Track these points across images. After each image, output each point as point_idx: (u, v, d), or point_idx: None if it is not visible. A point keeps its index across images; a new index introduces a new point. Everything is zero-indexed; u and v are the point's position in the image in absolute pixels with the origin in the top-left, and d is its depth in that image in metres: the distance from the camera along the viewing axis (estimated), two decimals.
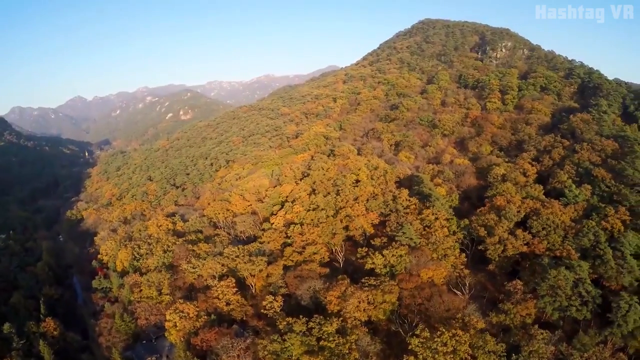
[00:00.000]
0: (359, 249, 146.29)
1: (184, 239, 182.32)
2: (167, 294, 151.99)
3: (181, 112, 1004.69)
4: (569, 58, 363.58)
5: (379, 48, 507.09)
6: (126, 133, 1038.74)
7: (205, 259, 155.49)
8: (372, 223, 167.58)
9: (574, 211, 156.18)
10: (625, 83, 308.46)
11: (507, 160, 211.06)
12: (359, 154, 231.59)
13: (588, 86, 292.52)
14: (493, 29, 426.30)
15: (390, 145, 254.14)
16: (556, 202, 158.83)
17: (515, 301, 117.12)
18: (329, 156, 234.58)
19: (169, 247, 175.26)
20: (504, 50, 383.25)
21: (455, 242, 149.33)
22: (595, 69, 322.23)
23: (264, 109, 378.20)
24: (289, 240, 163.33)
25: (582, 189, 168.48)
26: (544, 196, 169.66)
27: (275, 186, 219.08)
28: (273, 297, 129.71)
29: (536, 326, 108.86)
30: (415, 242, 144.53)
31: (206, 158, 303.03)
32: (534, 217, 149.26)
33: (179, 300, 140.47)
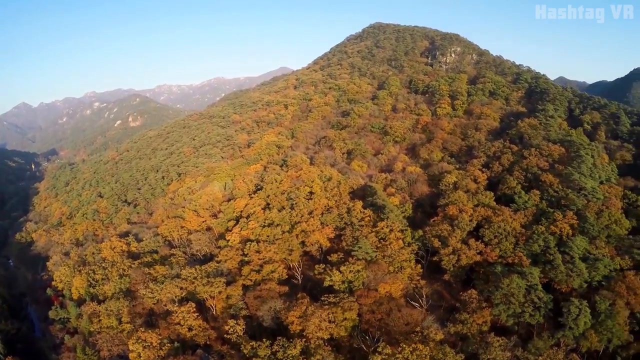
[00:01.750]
0: (317, 266, 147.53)
1: (139, 261, 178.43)
2: (127, 322, 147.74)
3: (130, 119, 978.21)
4: (517, 63, 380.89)
5: (330, 52, 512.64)
6: (74, 142, 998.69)
7: (163, 283, 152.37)
8: (328, 237, 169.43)
9: (524, 217, 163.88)
10: (572, 88, 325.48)
11: (458, 166, 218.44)
12: (311, 163, 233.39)
13: (535, 91, 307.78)
14: (443, 34, 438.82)
15: (343, 154, 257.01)
16: (507, 209, 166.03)
17: (471, 310, 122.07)
18: (281, 166, 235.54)
19: (124, 270, 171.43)
20: (453, 55, 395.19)
21: (411, 253, 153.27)
22: (541, 74, 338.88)
23: (214, 116, 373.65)
24: (246, 259, 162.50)
25: (531, 194, 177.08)
26: (494, 203, 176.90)
27: (229, 200, 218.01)
28: (235, 321, 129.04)
29: (492, 334, 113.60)
30: (371, 257, 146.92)
31: (157, 171, 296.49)
32: (486, 226, 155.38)
33: (140, 328, 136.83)
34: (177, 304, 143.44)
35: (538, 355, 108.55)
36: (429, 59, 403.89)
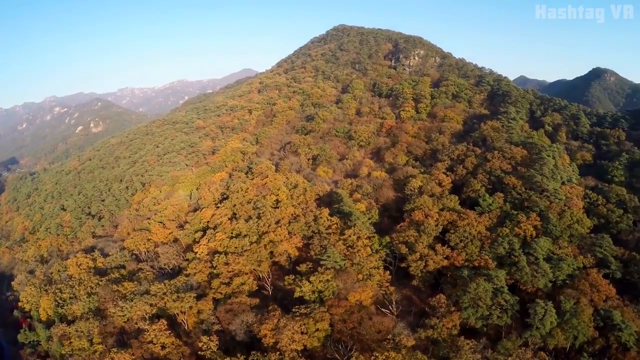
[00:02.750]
0: (286, 277, 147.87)
1: (107, 277, 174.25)
2: (99, 343, 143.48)
3: (92, 125, 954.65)
4: (479, 65, 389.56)
5: (294, 54, 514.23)
6: (34, 150, 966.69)
7: (132, 300, 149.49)
8: (296, 246, 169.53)
9: (488, 219, 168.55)
10: (533, 90, 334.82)
11: (422, 170, 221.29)
12: (277, 170, 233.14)
13: (497, 93, 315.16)
14: (406, 37, 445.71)
15: (308, 160, 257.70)
16: (472, 213, 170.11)
17: (441, 315, 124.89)
18: (246, 174, 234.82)
19: (92, 288, 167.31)
20: (416, 58, 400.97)
21: (379, 260, 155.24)
22: (503, 76, 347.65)
23: (178, 122, 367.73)
24: (215, 271, 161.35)
25: (495, 197, 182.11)
26: (459, 206, 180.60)
27: (195, 210, 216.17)
28: (208, 337, 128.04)
29: (462, 337, 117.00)
30: (340, 265, 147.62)
31: (121, 181, 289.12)
32: (452, 231, 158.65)
33: (113, 349, 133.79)
34: (148, 322, 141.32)
35: (507, 355, 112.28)
36: (393, 61, 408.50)
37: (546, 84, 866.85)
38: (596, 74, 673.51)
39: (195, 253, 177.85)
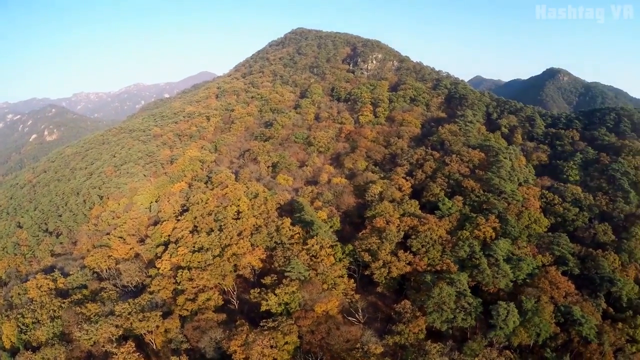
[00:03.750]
0: (252, 290, 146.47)
1: (69, 299, 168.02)
2: None
3: (46, 132, 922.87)
4: (436, 69, 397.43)
5: (251, 58, 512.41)
6: None
7: (97, 322, 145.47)
8: (260, 258, 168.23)
9: (448, 223, 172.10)
10: (489, 93, 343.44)
11: (382, 175, 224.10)
12: (237, 179, 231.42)
13: (454, 96, 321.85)
14: (364, 40, 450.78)
15: (268, 167, 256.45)
16: (432, 217, 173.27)
17: (407, 320, 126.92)
18: (206, 183, 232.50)
19: (55, 312, 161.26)
20: (374, 62, 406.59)
21: (343, 268, 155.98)
22: (460, 79, 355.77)
23: (135, 130, 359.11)
24: (179, 287, 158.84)
25: (455, 200, 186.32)
26: (420, 211, 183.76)
27: (156, 223, 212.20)
28: (178, 357, 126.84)
29: (429, 341, 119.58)
30: (304, 276, 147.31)
31: (78, 194, 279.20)
32: (413, 236, 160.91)
33: None
34: (115, 344, 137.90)
35: (474, 356, 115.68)
36: (351, 65, 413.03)
37: (502, 84, 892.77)
38: (550, 74, 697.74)
39: (158, 269, 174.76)
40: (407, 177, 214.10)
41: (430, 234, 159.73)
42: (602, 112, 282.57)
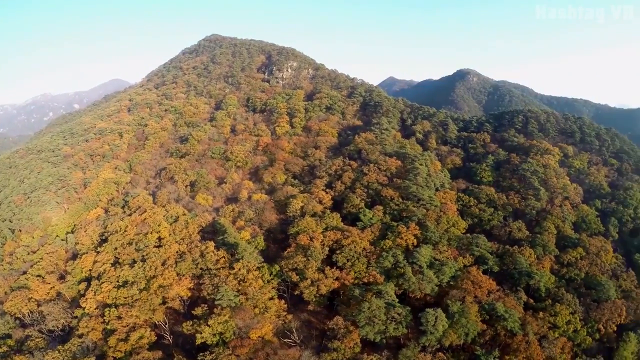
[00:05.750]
0: (184, 323, 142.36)
1: None
2: None
3: None
4: (351, 76, 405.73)
5: (164, 67, 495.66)
6: None
7: None
8: (187, 287, 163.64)
9: (371, 234, 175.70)
10: (403, 99, 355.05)
11: (302, 188, 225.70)
12: (154, 201, 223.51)
13: (369, 104, 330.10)
14: (279, 48, 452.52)
15: (186, 186, 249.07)
16: (354, 229, 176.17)
17: (341, 335, 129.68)
18: (123, 208, 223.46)
19: None
20: (289, 70, 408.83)
21: (272, 290, 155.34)
22: (374, 86, 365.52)
23: (43, 150, 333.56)
24: (109, 327, 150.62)
25: (375, 210, 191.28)
26: (342, 223, 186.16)
27: (75, 256, 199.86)
28: None
29: (365, 354, 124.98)
30: (235, 302, 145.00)
31: None
32: (338, 251, 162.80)
33: None
34: None
35: None
36: (266, 74, 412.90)
37: (414, 84, 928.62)
38: (460, 75, 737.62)
39: (84, 308, 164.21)
40: (327, 189, 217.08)
41: (355, 247, 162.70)
42: (510, 114, 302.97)
